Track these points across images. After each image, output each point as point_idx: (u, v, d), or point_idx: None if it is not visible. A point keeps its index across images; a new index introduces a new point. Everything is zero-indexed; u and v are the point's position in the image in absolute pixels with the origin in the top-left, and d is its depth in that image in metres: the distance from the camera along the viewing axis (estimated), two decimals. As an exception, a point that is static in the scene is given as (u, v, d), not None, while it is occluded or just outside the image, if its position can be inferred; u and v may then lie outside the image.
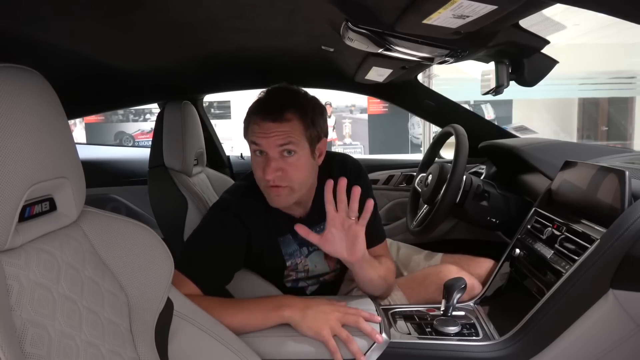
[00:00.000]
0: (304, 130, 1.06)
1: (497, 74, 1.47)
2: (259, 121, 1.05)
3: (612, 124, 7.42)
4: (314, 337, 0.93)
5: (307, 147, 1.07)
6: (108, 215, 0.71)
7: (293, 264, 1.18)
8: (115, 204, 2.35)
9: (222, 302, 0.99)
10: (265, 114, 1.05)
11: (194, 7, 0.98)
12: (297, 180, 1.07)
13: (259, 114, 1.06)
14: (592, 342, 0.95)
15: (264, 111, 1.06)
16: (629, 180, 0.97)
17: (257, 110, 1.07)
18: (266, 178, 1.04)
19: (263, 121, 1.05)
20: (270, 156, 1.04)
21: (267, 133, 1.04)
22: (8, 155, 0.52)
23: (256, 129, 1.06)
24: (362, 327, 0.96)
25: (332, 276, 1.30)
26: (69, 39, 1.11)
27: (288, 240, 1.17)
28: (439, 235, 1.96)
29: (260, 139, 1.05)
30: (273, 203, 1.10)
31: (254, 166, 1.09)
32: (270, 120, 1.04)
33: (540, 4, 0.93)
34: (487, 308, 1.17)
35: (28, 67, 0.58)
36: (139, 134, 8.05)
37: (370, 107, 8.08)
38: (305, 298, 0.99)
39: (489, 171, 1.81)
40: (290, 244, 1.17)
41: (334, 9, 0.95)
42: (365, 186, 1.16)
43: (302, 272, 1.21)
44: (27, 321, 0.52)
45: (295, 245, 1.18)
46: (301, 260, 1.19)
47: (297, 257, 1.18)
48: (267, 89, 1.13)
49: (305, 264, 1.20)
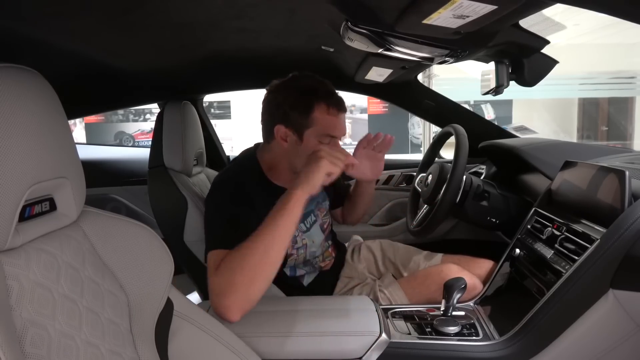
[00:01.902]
0: None
1: (497, 74, 1.47)
2: (337, 113, 1.16)
3: (612, 124, 7.42)
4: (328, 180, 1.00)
5: None
6: (108, 215, 0.71)
7: (292, 238, 1.20)
8: (115, 204, 2.35)
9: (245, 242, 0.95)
10: (340, 107, 1.16)
11: (193, 7, 0.98)
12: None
13: (334, 106, 1.15)
14: (592, 342, 0.95)
15: (338, 104, 1.16)
16: (629, 180, 0.97)
17: (331, 101, 1.15)
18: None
19: (339, 113, 1.17)
20: (336, 142, 1.19)
21: (342, 125, 1.18)
22: (8, 155, 0.52)
23: (334, 121, 1.16)
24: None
25: (328, 264, 1.31)
26: (69, 39, 1.11)
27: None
28: (439, 235, 1.96)
29: (338, 131, 1.17)
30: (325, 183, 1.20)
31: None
32: (343, 113, 1.18)
33: (540, 4, 0.93)
34: (487, 308, 1.17)
35: (28, 67, 0.58)
36: (139, 134, 8.05)
37: (370, 107, 8.08)
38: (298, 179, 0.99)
39: (489, 171, 1.81)
40: None
41: (334, 9, 0.95)
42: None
43: (301, 249, 1.24)
44: (27, 321, 0.52)
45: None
46: (299, 234, 1.24)
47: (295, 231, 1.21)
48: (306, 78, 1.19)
49: (302, 238, 1.25)
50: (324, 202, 1.39)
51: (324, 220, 1.36)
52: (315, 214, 1.32)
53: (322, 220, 1.35)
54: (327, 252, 1.34)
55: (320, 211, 1.35)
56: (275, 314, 1.04)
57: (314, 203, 1.32)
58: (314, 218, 1.31)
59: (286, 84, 1.19)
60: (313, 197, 1.29)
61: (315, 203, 1.33)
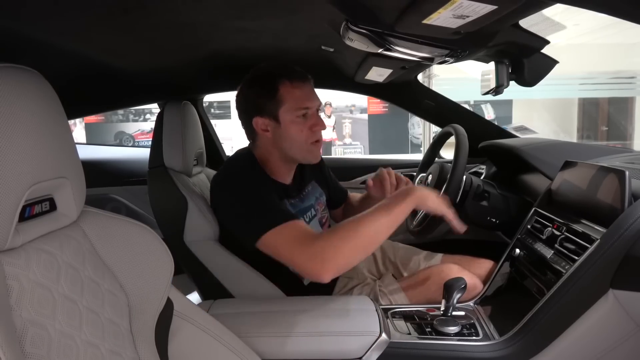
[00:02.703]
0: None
1: (497, 74, 1.47)
2: (301, 85, 1.16)
3: (612, 124, 7.42)
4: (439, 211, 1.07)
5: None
6: (108, 215, 0.71)
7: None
8: (115, 204, 2.35)
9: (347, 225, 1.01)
10: (304, 78, 1.17)
11: (193, 7, 0.98)
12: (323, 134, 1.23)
13: (298, 79, 1.16)
14: (592, 342, 0.95)
15: (300, 76, 1.16)
16: (629, 180, 0.97)
17: (292, 76, 1.15)
18: (319, 132, 1.19)
19: (304, 83, 1.17)
20: (314, 113, 1.18)
21: (312, 94, 1.18)
22: (8, 155, 0.52)
23: (300, 92, 1.15)
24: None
25: None
26: (69, 39, 1.11)
27: (285, 204, 1.23)
28: (439, 235, 1.96)
29: (310, 102, 1.17)
30: (315, 158, 1.23)
31: (298, 130, 1.17)
32: (308, 82, 1.18)
33: (540, 4, 0.93)
34: (487, 308, 1.17)
35: (28, 67, 0.58)
36: (139, 134, 8.05)
37: (370, 107, 8.07)
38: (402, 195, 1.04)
39: (489, 171, 1.81)
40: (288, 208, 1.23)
41: (334, 9, 0.95)
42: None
43: None
44: (27, 321, 0.52)
45: (291, 209, 1.23)
46: None
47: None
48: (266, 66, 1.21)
49: None
50: (322, 197, 1.41)
51: (323, 215, 1.38)
52: (315, 209, 1.34)
53: (321, 214, 1.37)
54: None
55: (319, 205, 1.37)
56: (275, 314, 1.04)
57: (313, 197, 1.33)
58: (314, 212, 1.32)
59: (247, 79, 1.22)
60: (312, 191, 1.33)
61: (315, 197, 1.34)
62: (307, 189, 1.34)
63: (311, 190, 1.35)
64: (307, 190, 1.34)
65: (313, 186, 1.37)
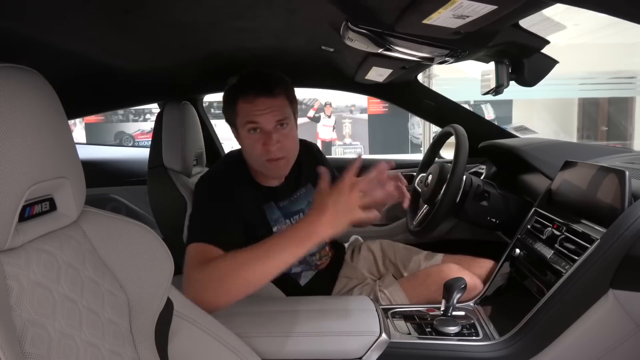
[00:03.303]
0: (289, 103, 1.16)
1: (497, 74, 1.47)
2: (252, 99, 1.10)
3: (612, 124, 7.42)
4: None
5: (293, 118, 1.17)
6: (108, 215, 0.71)
7: (279, 230, 1.22)
8: (115, 204, 2.35)
9: (244, 252, 0.92)
10: (258, 91, 1.10)
11: (193, 7, 0.98)
12: (292, 150, 1.18)
13: (251, 92, 1.11)
14: (592, 342, 0.95)
15: (256, 89, 1.11)
16: (629, 180, 0.97)
17: (247, 89, 1.11)
18: (271, 150, 1.10)
19: (257, 98, 1.10)
20: (267, 130, 1.11)
21: (264, 109, 1.10)
22: (8, 155, 0.52)
23: (250, 107, 1.11)
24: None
25: (325, 262, 1.32)
26: (69, 39, 1.11)
27: (272, 207, 1.23)
28: (439, 235, 1.96)
29: (258, 117, 1.11)
30: (274, 175, 1.20)
31: (250, 145, 1.14)
32: (263, 96, 1.10)
33: (540, 4, 0.93)
34: (487, 308, 1.17)
35: (28, 67, 0.58)
36: (139, 134, 8.05)
37: (370, 107, 8.07)
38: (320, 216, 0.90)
39: (489, 171, 1.81)
40: (274, 211, 1.23)
41: (334, 9, 0.95)
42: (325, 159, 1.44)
43: None
44: (27, 321, 0.52)
45: (279, 213, 1.23)
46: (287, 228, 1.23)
47: (282, 224, 1.23)
48: (241, 75, 1.17)
49: None
50: None
51: None
52: (305, 212, 1.30)
53: None
54: (324, 251, 1.34)
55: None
56: (275, 314, 1.04)
57: (305, 201, 1.31)
58: (303, 215, 1.29)
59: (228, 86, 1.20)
60: (306, 194, 1.31)
61: (307, 202, 1.31)
62: (300, 192, 1.31)
63: (304, 193, 1.31)
64: (299, 194, 1.30)
65: (308, 189, 1.33)
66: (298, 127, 1.22)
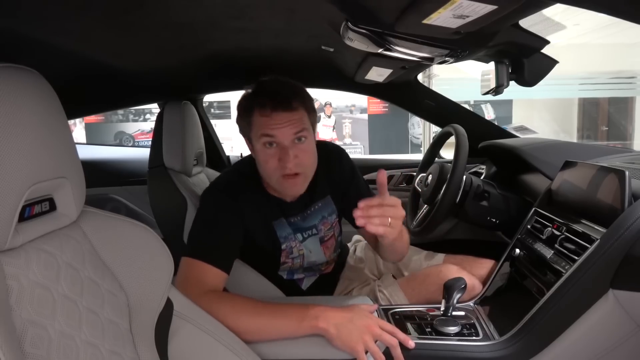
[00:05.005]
0: (308, 116, 1.10)
1: (497, 74, 1.47)
2: (269, 113, 1.06)
3: (612, 124, 7.43)
4: (347, 352, 0.90)
5: (312, 132, 1.12)
6: (108, 215, 0.71)
7: (288, 247, 1.19)
8: (115, 204, 2.35)
9: (241, 303, 0.96)
10: (275, 105, 1.05)
11: (193, 7, 0.98)
12: (310, 166, 1.12)
13: (268, 106, 1.06)
14: (592, 342, 0.95)
15: (273, 103, 1.06)
16: (629, 180, 0.97)
17: (264, 101, 1.07)
18: (288, 166, 1.05)
19: (274, 112, 1.05)
20: (284, 145, 1.06)
21: (281, 123, 1.05)
22: (8, 155, 0.52)
23: (267, 121, 1.06)
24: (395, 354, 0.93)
25: (329, 268, 1.30)
26: (69, 39, 1.11)
27: (282, 223, 1.19)
28: (439, 235, 1.96)
29: (274, 130, 1.06)
30: (289, 192, 1.14)
31: (265, 159, 1.08)
32: (281, 110, 1.05)
33: (540, 4, 0.93)
34: (487, 308, 1.17)
35: (28, 67, 0.58)
36: (139, 134, 8.06)
37: (370, 107, 8.08)
38: (338, 308, 0.94)
39: (489, 171, 1.81)
40: (284, 227, 1.19)
41: (334, 9, 0.95)
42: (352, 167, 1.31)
43: (297, 259, 1.22)
44: (27, 321, 0.52)
45: (289, 229, 1.20)
46: (296, 244, 1.21)
47: (292, 241, 1.20)
48: (259, 83, 1.14)
49: (300, 248, 1.21)
50: (331, 216, 1.28)
51: (327, 234, 1.27)
52: (318, 228, 1.25)
53: (325, 233, 1.26)
54: (327, 256, 1.32)
55: (324, 225, 1.26)
56: (275, 314, 1.03)
57: (319, 216, 1.25)
58: (315, 232, 1.24)
59: (243, 95, 1.16)
60: (320, 209, 1.25)
61: (321, 217, 1.25)
62: (315, 206, 1.23)
63: (319, 208, 1.24)
64: (313, 209, 1.23)
65: (325, 203, 1.25)
66: None
